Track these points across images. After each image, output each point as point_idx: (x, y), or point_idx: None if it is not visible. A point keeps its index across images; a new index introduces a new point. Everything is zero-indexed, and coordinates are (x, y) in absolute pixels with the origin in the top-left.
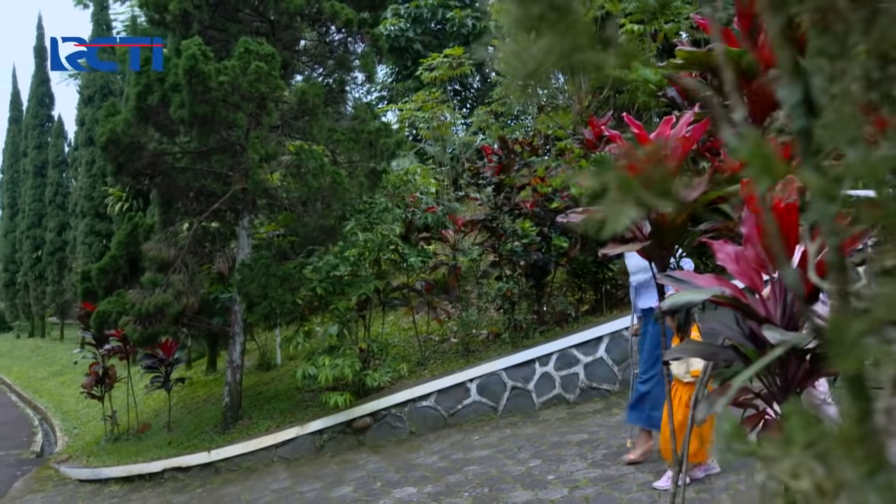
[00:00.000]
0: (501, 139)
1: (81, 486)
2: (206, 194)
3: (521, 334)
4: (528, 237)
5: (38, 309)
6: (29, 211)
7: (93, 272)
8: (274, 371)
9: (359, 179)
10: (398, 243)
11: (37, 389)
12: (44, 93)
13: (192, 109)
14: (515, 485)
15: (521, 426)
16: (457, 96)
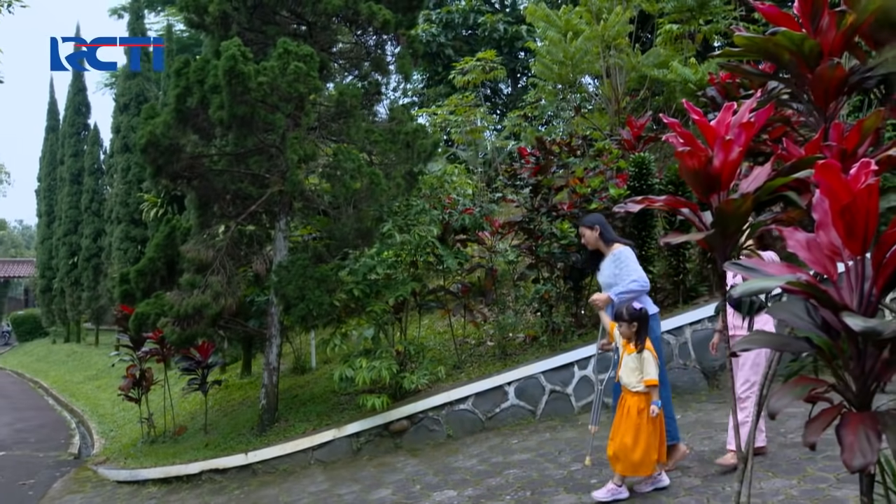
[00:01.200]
0: (539, 140)
1: (119, 488)
2: (243, 197)
3: (559, 337)
4: (567, 238)
5: (73, 314)
6: (65, 218)
7: (131, 274)
8: (309, 374)
9: (396, 181)
10: (435, 244)
11: (73, 393)
12: (80, 101)
13: (232, 110)
14: (558, 488)
15: (561, 430)
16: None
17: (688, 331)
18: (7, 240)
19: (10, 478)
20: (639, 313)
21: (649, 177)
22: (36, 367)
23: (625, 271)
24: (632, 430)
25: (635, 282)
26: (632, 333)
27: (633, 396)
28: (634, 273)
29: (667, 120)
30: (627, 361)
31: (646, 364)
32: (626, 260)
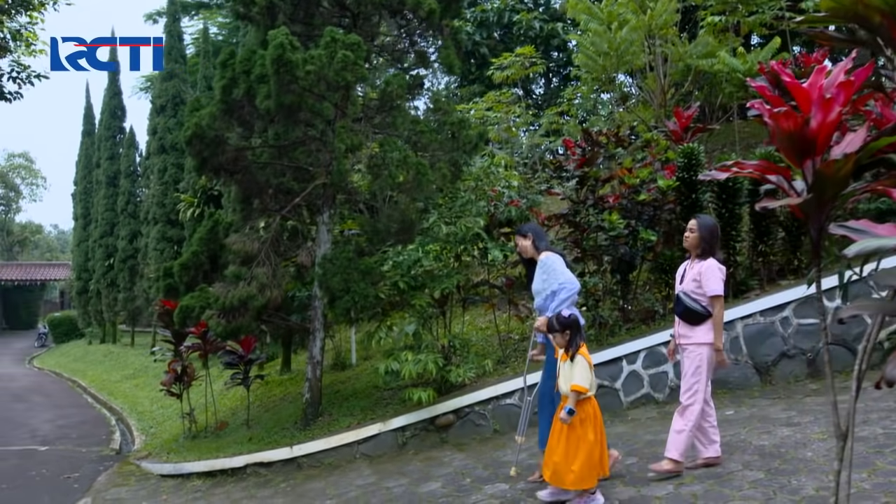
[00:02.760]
0: (585, 131)
1: (163, 481)
2: (284, 191)
3: (606, 332)
4: (616, 230)
5: (109, 315)
6: (101, 220)
7: (175, 268)
8: (350, 370)
9: (441, 172)
10: (482, 236)
11: (111, 392)
12: (116, 105)
13: (279, 99)
14: (615, 482)
15: (611, 425)
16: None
17: (739, 325)
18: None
19: (54, 471)
20: (569, 321)
21: (699, 167)
22: (73, 367)
23: (552, 276)
24: (573, 440)
25: (562, 284)
26: (565, 342)
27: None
28: (561, 276)
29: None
30: (564, 370)
31: (577, 369)
32: (552, 266)
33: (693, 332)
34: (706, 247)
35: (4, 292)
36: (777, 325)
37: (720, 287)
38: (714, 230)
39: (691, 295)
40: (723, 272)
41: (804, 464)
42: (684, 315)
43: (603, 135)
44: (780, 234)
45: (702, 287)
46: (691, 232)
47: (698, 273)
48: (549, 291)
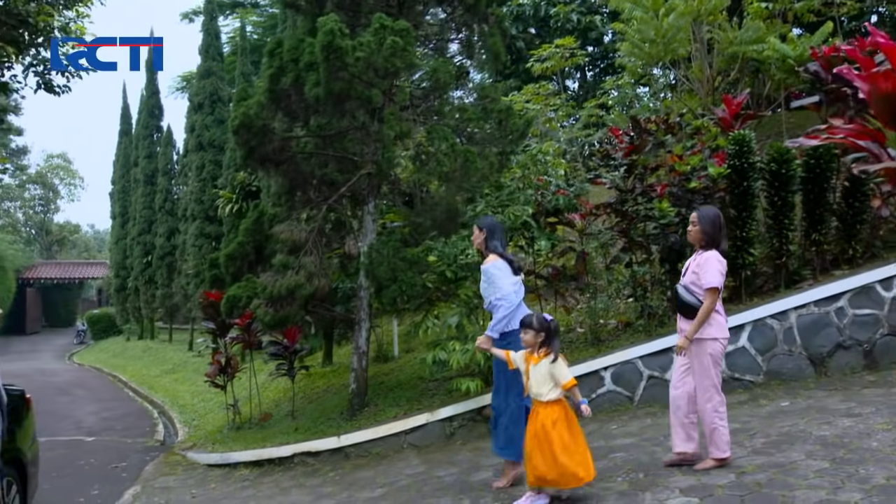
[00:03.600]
0: (633, 119)
1: (210, 471)
2: (328, 183)
3: (655, 322)
4: (667, 218)
5: (147, 312)
6: (139, 218)
7: (221, 259)
8: (392, 363)
9: (489, 160)
10: (531, 224)
11: (151, 386)
12: (153, 104)
13: (329, 86)
14: (672, 471)
15: (661, 416)
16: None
17: (792, 315)
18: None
19: (102, 461)
20: (548, 324)
21: (750, 155)
22: (113, 363)
23: (492, 287)
24: (542, 445)
25: (500, 300)
26: (536, 342)
27: (546, 408)
28: (499, 291)
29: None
30: (535, 371)
31: (557, 368)
32: (493, 277)
33: (690, 326)
34: (709, 239)
35: (44, 291)
36: (832, 316)
37: (717, 279)
38: (716, 221)
39: (689, 288)
40: (723, 265)
41: (870, 453)
42: (681, 309)
43: (652, 122)
44: (834, 223)
45: (700, 279)
46: (693, 225)
47: (698, 265)
48: (489, 300)
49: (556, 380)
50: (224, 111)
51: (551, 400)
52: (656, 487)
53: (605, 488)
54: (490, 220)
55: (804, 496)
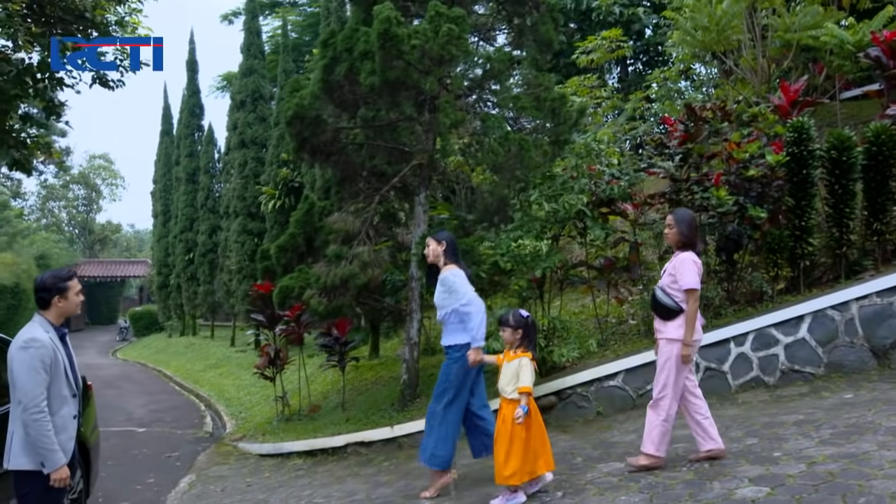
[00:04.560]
0: (688, 107)
1: (263, 461)
2: (377, 174)
3: (710, 313)
4: (724, 206)
5: (189, 308)
6: (181, 216)
7: (272, 250)
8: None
9: (542, 148)
10: (586, 213)
11: (196, 380)
12: (194, 104)
13: (384, 75)
14: (738, 460)
15: (720, 408)
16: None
17: (854, 306)
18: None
19: (155, 451)
20: (525, 321)
21: (809, 142)
22: (157, 359)
23: (454, 296)
24: (506, 439)
25: (468, 305)
26: (515, 339)
27: (510, 405)
28: (464, 297)
29: None
30: (506, 369)
31: (522, 371)
32: (454, 284)
33: (665, 327)
34: (685, 241)
35: (87, 289)
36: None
37: (694, 280)
38: (691, 223)
39: (665, 290)
40: (698, 265)
41: None
42: (656, 310)
43: (708, 109)
44: None
45: (677, 281)
46: (669, 228)
47: (674, 266)
48: (451, 309)
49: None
50: (266, 109)
51: (516, 398)
52: (723, 477)
53: (670, 477)
54: (448, 235)
55: (882, 486)
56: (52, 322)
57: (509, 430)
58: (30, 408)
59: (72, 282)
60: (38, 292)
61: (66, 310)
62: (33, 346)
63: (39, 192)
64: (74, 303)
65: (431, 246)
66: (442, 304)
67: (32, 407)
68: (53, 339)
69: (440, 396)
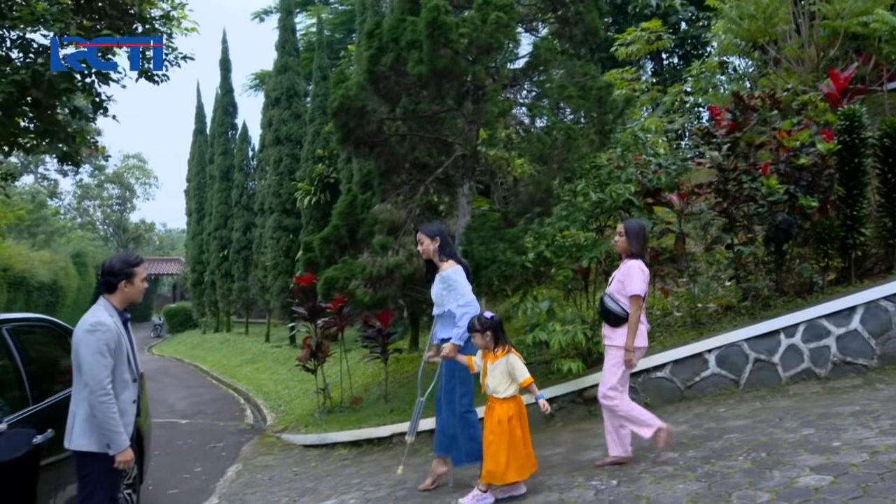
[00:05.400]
0: (736, 95)
1: (307, 451)
2: (419, 166)
3: (759, 304)
4: (775, 195)
5: (223, 305)
6: (216, 213)
7: (315, 242)
8: None
9: (589, 137)
10: (634, 203)
11: (233, 375)
12: (228, 102)
13: (432, 64)
14: (797, 449)
15: (771, 399)
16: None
17: None
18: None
19: (199, 441)
20: (491, 322)
21: (861, 130)
22: (192, 354)
23: (453, 294)
24: (505, 439)
25: (465, 307)
26: (487, 342)
27: (503, 404)
28: (461, 298)
29: None
30: (493, 369)
31: (515, 366)
32: (455, 283)
33: (614, 334)
34: (635, 250)
35: None
36: None
37: (640, 287)
38: (640, 232)
39: (613, 296)
40: (645, 273)
41: None
42: (605, 316)
43: (757, 97)
44: None
45: (625, 288)
46: (620, 236)
47: (623, 274)
48: (447, 309)
49: (513, 377)
50: (300, 105)
51: (508, 396)
52: (783, 466)
53: (727, 466)
54: (439, 228)
55: None
56: (115, 306)
57: (506, 430)
58: (96, 391)
59: (139, 268)
60: (105, 276)
61: (131, 295)
62: (99, 330)
63: (75, 192)
64: (139, 289)
65: (424, 243)
66: (440, 301)
67: (99, 390)
68: (117, 323)
69: (451, 393)
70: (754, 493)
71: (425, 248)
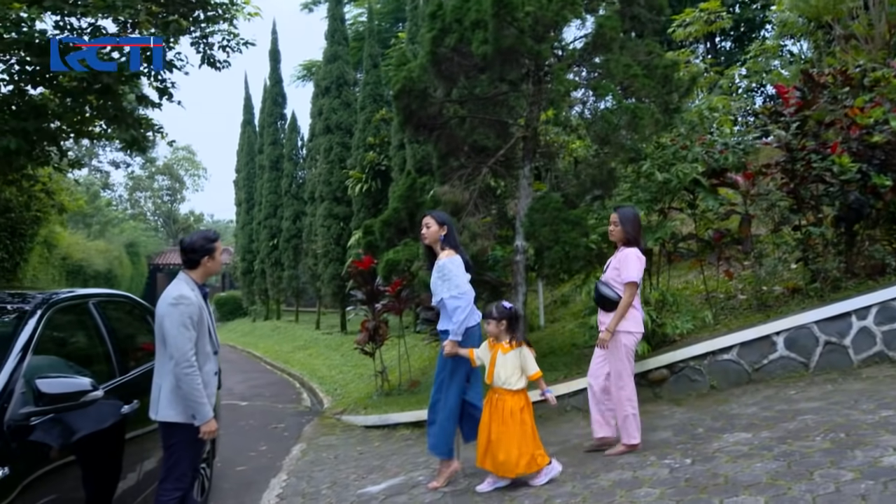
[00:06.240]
0: (805, 72)
1: (369, 432)
2: (478, 149)
3: (828, 287)
4: (847, 174)
5: (273, 293)
6: (265, 203)
7: (376, 225)
8: (538, 332)
9: (655, 116)
10: (701, 183)
11: (286, 360)
12: (277, 93)
13: (497, 43)
14: (878, 430)
15: (843, 382)
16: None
17: None
18: None
19: (261, 422)
20: (508, 312)
21: None
22: (244, 341)
23: (446, 284)
24: (517, 430)
25: (459, 297)
26: (500, 331)
27: (514, 396)
28: (455, 288)
29: None
30: (505, 361)
31: (528, 360)
32: (450, 273)
33: (609, 319)
34: (630, 237)
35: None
36: None
37: (636, 274)
38: (635, 221)
39: (609, 283)
40: (642, 261)
41: None
42: (601, 302)
43: (827, 74)
44: None
45: (621, 275)
46: (615, 226)
47: (619, 261)
48: (440, 298)
49: (524, 369)
50: (350, 94)
51: (519, 389)
52: (865, 446)
53: (805, 446)
54: (446, 216)
55: None
56: (196, 281)
57: (518, 422)
58: (181, 362)
59: (217, 243)
60: (188, 253)
61: (212, 269)
62: (183, 303)
63: (126, 184)
64: (219, 263)
65: (432, 227)
66: (435, 290)
67: (184, 362)
68: (198, 297)
69: (441, 384)
70: (837, 471)
71: (431, 233)
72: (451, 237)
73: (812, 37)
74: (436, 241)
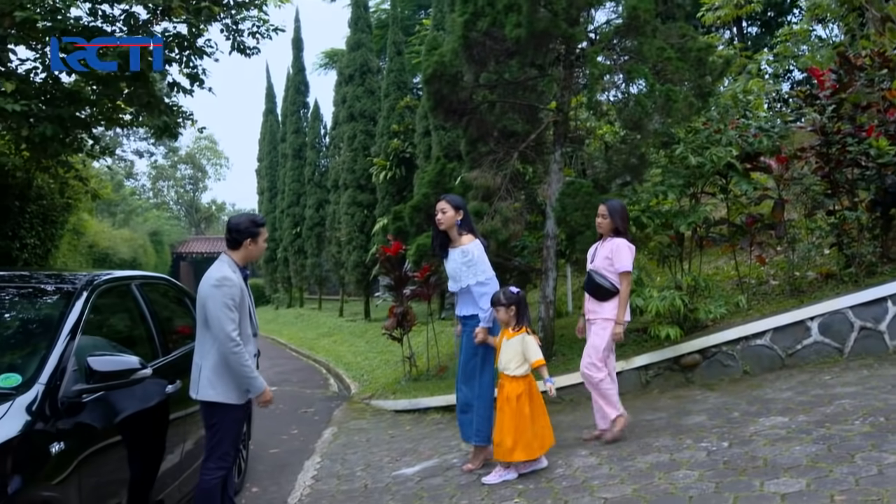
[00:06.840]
0: (841, 55)
1: (399, 416)
2: (507, 135)
3: (863, 272)
4: (885, 157)
5: (297, 281)
6: (288, 191)
7: (405, 211)
8: (566, 318)
9: (688, 99)
10: (737, 167)
11: (311, 347)
12: (300, 81)
13: (531, 26)
14: None
15: (879, 368)
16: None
17: None
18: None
19: (290, 407)
20: (517, 297)
21: None
22: (268, 328)
23: (472, 269)
24: (512, 417)
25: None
26: (510, 317)
27: (512, 382)
28: (482, 275)
29: None
30: (507, 346)
31: (529, 346)
32: (477, 258)
33: (601, 308)
34: (620, 228)
35: (194, 264)
36: None
37: (629, 264)
38: (623, 213)
39: (601, 272)
40: (632, 250)
41: None
42: (593, 291)
43: (865, 56)
44: None
45: (614, 265)
46: (603, 218)
47: (610, 251)
48: (466, 284)
49: (526, 356)
50: (374, 82)
51: (518, 375)
52: None
53: (844, 430)
54: (461, 200)
55: None
56: (237, 263)
57: (514, 408)
58: (226, 342)
59: (263, 228)
60: (232, 233)
61: (253, 253)
62: (225, 285)
63: (149, 173)
64: (261, 248)
65: (448, 212)
66: (457, 276)
67: (229, 341)
68: (239, 279)
69: (471, 375)
70: (879, 454)
71: (447, 217)
72: (468, 221)
73: (844, 20)
74: (452, 225)
